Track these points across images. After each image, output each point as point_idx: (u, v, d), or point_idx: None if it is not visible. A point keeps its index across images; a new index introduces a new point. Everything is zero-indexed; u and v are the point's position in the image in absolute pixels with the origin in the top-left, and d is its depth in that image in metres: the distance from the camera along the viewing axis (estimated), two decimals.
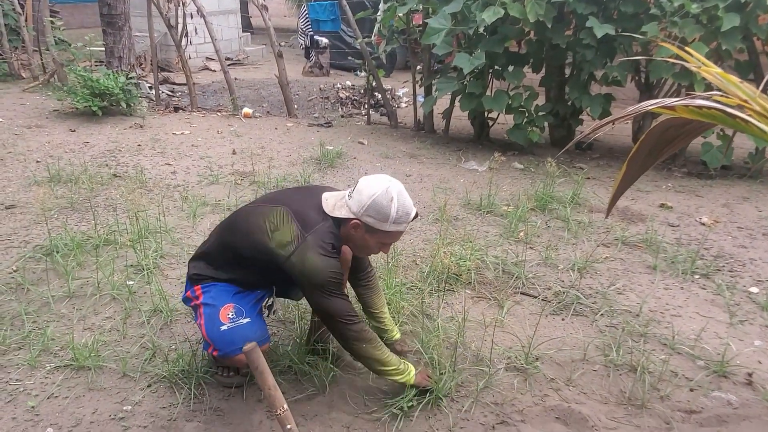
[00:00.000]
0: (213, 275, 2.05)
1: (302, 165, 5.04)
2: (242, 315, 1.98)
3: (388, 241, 2.00)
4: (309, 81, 9.91)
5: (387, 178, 1.93)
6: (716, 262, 3.36)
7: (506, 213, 3.99)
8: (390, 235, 1.95)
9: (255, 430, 1.97)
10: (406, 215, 1.91)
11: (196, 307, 2.05)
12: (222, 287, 2.03)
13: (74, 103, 6.13)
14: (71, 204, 3.87)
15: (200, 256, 2.12)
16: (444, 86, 5.58)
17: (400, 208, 1.88)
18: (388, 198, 1.86)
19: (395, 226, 1.91)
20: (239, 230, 2.01)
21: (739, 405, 2.18)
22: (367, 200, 1.86)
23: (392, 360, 2.00)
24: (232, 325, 1.94)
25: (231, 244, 2.03)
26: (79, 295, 2.77)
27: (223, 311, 1.97)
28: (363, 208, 1.87)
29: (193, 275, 2.08)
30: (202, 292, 2.04)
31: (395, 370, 2.00)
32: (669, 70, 4.73)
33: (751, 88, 1.18)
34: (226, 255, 2.04)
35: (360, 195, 1.88)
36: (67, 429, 1.94)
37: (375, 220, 1.88)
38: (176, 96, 8.18)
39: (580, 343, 2.54)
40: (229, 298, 2.01)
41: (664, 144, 1.61)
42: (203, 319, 1.99)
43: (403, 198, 1.90)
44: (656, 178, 5.06)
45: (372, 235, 1.93)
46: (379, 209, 1.86)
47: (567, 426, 2.04)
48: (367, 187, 1.88)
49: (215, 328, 1.95)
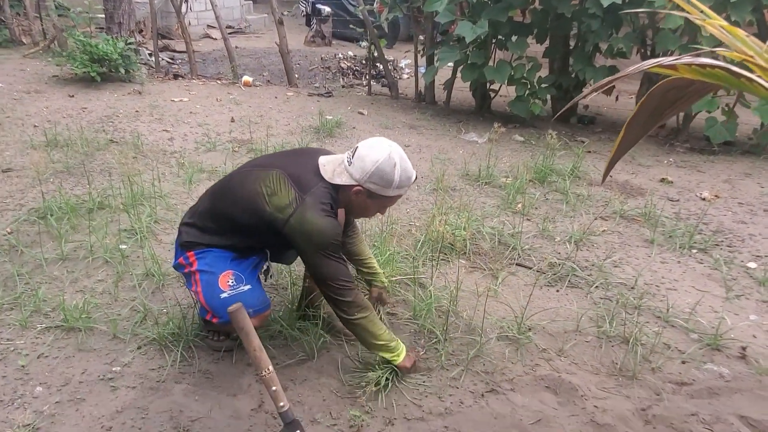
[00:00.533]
0: (207, 242, 2.01)
1: (301, 134, 4.98)
2: (242, 282, 1.95)
3: (387, 205, 2.01)
4: (311, 51, 9.76)
5: (386, 142, 1.89)
6: (715, 237, 3.33)
7: (505, 185, 3.95)
8: (391, 199, 1.95)
9: (243, 392, 1.97)
10: (408, 179, 1.91)
11: (190, 274, 2.01)
12: (217, 253, 2.00)
13: (73, 69, 6.06)
14: (67, 168, 3.84)
15: (192, 223, 2.07)
16: (446, 56, 5.48)
17: (403, 173, 1.87)
18: (392, 164, 1.83)
19: (397, 191, 1.91)
20: (234, 196, 1.96)
21: (731, 378, 2.17)
22: (371, 167, 1.83)
23: (384, 335, 1.97)
24: (233, 293, 1.92)
25: (225, 211, 1.98)
26: (72, 257, 2.76)
27: (222, 278, 1.94)
28: (366, 175, 1.84)
29: (186, 242, 2.04)
30: (197, 258, 2.00)
31: (385, 345, 1.97)
32: (676, 42, 4.62)
33: (758, 43, 1.12)
34: (220, 222, 2.00)
35: (362, 162, 1.84)
36: (56, 388, 1.94)
37: (378, 186, 1.86)
38: (176, 63, 8.07)
39: (574, 314, 2.52)
40: (227, 264, 1.98)
41: (665, 106, 1.55)
42: (200, 286, 1.96)
43: (404, 162, 1.88)
44: (658, 153, 5.00)
45: (373, 200, 1.92)
46: (383, 175, 1.83)
47: (556, 395, 2.04)
48: (369, 154, 1.84)
49: (215, 296, 1.92)
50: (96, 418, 1.81)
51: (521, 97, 5.46)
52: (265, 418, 1.87)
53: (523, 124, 5.72)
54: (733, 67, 1.17)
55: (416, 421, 1.88)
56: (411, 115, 5.97)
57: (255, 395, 1.96)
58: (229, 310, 1.65)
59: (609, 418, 1.90)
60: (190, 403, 1.90)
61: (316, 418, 1.87)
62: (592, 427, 1.86)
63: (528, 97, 5.47)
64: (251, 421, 1.85)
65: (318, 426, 1.85)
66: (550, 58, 5.80)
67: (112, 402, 1.89)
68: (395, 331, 2.32)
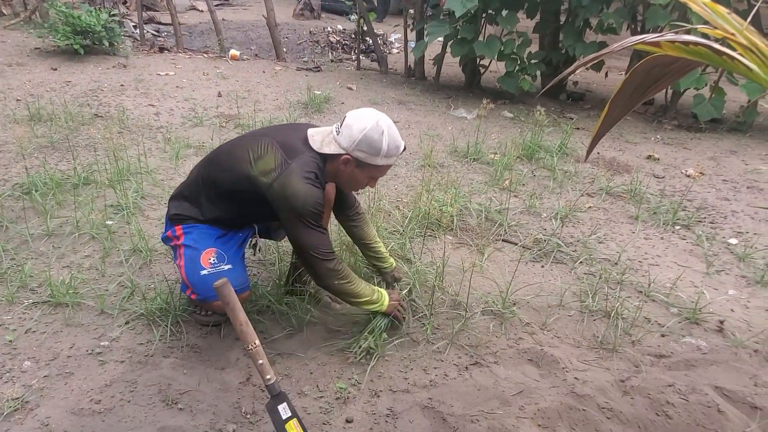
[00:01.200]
0: (194, 215, 2.02)
1: (289, 109, 4.93)
2: (224, 261, 1.96)
3: (377, 175, 1.99)
4: (299, 24, 9.60)
5: (374, 111, 1.90)
6: (698, 214, 3.38)
7: (493, 161, 3.96)
8: (380, 168, 1.94)
9: (231, 366, 2.00)
10: (396, 148, 1.90)
11: (176, 248, 2.03)
12: (204, 229, 2.01)
13: (56, 41, 5.92)
14: (51, 143, 3.78)
15: (181, 195, 2.08)
16: (435, 30, 5.42)
17: (391, 142, 1.87)
18: (379, 132, 1.84)
19: (386, 160, 1.90)
20: (221, 163, 1.97)
21: (708, 350, 2.23)
22: (358, 135, 1.83)
23: (365, 292, 2.00)
24: (213, 271, 1.93)
25: (212, 178, 1.98)
26: (57, 233, 2.74)
27: (204, 255, 1.96)
28: (354, 143, 1.84)
29: (174, 215, 2.05)
30: (183, 232, 2.01)
31: (368, 301, 2.02)
32: (666, 18, 4.60)
33: (739, 21, 1.13)
34: (207, 191, 2.00)
35: (350, 130, 1.84)
36: (44, 363, 1.95)
37: (366, 154, 1.86)
38: (161, 36, 7.90)
39: (558, 289, 2.56)
40: (212, 242, 1.99)
41: (650, 83, 1.56)
42: (183, 260, 1.98)
43: (392, 131, 1.89)
44: (645, 130, 5.02)
45: (362, 170, 1.92)
46: (371, 143, 1.83)
47: (539, 368, 2.08)
48: (357, 122, 1.85)
49: (195, 272, 1.94)
50: (85, 392, 1.83)
51: (511, 72, 5.44)
52: (253, 390, 1.90)
53: (512, 100, 5.71)
54: (715, 45, 1.17)
55: (401, 393, 1.92)
56: (400, 90, 5.92)
57: (243, 368, 1.99)
58: (215, 285, 1.66)
59: (588, 389, 1.95)
60: (179, 376, 1.92)
61: (303, 391, 1.91)
62: (572, 398, 1.91)
63: (518, 73, 5.45)
64: (239, 393, 1.88)
65: (305, 398, 1.88)
66: (540, 33, 5.76)
67: (101, 376, 1.91)
68: None
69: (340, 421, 1.80)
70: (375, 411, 1.84)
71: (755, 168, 4.18)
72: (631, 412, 1.86)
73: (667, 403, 1.89)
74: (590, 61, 1.50)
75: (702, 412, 1.85)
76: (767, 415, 1.86)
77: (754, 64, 1.11)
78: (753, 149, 4.63)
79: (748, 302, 2.57)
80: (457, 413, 1.83)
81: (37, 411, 1.74)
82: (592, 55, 1.36)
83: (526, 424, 1.79)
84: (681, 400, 1.91)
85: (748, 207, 3.52)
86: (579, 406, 1.86)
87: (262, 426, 1.75)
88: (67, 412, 1.74)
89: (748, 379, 2.04)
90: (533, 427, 1.79)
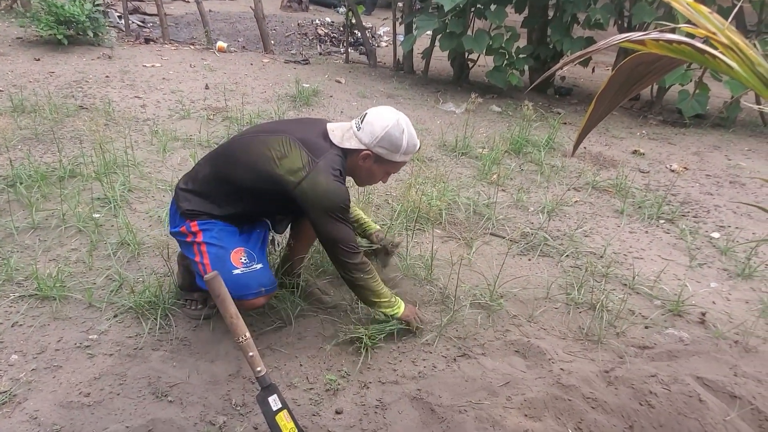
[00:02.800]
0: (210, 211, 1.97)
1: (277, 102, 4.91)
2: (254, 260, 1.95)
3: (392, 171, 2.07)
4: (287, 16, 9.54)
5: (394, 110, 1.97)
6: (682, 208, 3.44)
7: (481, 155, 3.99)
8: (396, 165, 2.02)
9: (221, 359, 2.01)
10: (414, 146, 2.00)
11: (193, 244, 1.96)
12: (223, 227, 1.96)
13: (38, 31, 5.82)
14: (35, 135, 3.74)
15: (192, 190, 2.01)
16: (424, 24, 5.42)
17: (410, 139, 1.95)
18: (400, 130, 1.92)
19: (403, 157, 1.98)
20: (239, 161, 1.93)
21: (691, 342, 2.28)
22: (381, 132, 1.90)
23: (386, 293, 2.05)
24: (247, 270, 1.91)
25: (230, 176, 1.94)
26: (43, 226, 2.72)
27: (234, 255, 1.92)
28: (376, 139, 1.91)
29: (187, 210, 1.98)
30: (201, 229, 1.95)
31: (387, 302, 2.06)
32: (652, 15, 4.65)
33: (720, 20, 1.15)
34: (224, 188, 1.97)
35: (372, 126, 1.91)
36: (32, 356, 1.95)
37: (387, 151, 1.93)
38: (147, 27, 7.81)
39: (544, 282, 2.60)
40: (237, 240, 1.96)
41: (634, 81, 1.59)
42: (208, 258, 1.91)
43: (411, 130, 1.97)
44: (631, 125, 5.09)
45: (380, 166, 1.99)
46: (392, 140, 1.91)
47: (525, 359, 2.12)
48: (379, 119, 1.92)
49: (227, 271, 1.87)
50: (73, 385, 1.83)
51: (499, 67, 5.46)
52: (243, 382, 1.91)
53: (500, 94, 5.74)
54: (697, 44, 1.20)
55: (390, 385, 1.94)
56: (389, 84, 5.93)
57: (232, 361, 1.99)
58: (205, 278, 1.66)
59: (574, 379, 1.99)
60: (168, 369, 1.93)
61: (293, 383, 1.92)
62: (557, 388, 1.95)
63: (506, 68, 5.48)
64: (229, 386, 1.89)
65: (295, 390, 1.89)
66: (528, 28, 5.79)
67: (90, 369, 1.91)
68: None
69: (330, 412, 1.82)
70: (364, 402, 1.87)
71: (737, 163, 4.25)
72: (615, 402, 1.90)
73: (650, 393, 1.93)
74: (578, 58, 1.52)
75: (684, 402, 1.90)
76: (746, 404, 1.91)
77: (735, 62, 1.13)
78: (735, 144, 4.71)
79: (730, 294, 2.62)
80: (446, 404, 1.86)
81: (26, 404, 1.74)
82: (579, 52, 1.38)
83: (512, 414, 1.82)
84: (663, 389, 1.95)
85: (731, 201, 3.59)
86: (564, 396, 1.90)
87: (253, 418, 1.77)
88: (55, 405, 1.74)
89: (728, 369, 2.09)
90: (520, 417, 1.82)
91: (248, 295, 1.90)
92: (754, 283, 2.73)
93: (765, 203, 3.63)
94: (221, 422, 1.74)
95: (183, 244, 2.03)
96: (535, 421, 1.81)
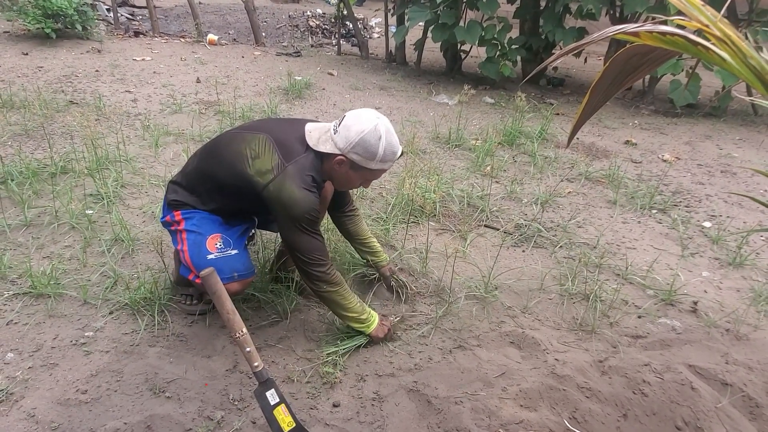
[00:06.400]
0: (193, 203, 1.99)
1: (269, 95, 4.89)
2: (230, 246, 1.94)
3: (371, 178, 1.96)
4: (278, 8, 9.47)
5: (375, 114, 1.86)
6: (674, 198, 3.46)
7: (474, 147, 3.99)
8: (374, 172, 1.90)
9: (218, 354, 2.01)
10: (392, 154, 1.86)
11: (176, 232, 1.99)
12: (205, 215, 1.98)
13: (26, 24, 5.75)
14: (25, 131, 3.70)
15: (180, 182, 2.04)
16: (416, 15, 5.40)
17: (388, 147, 1.82)
18: (377, 136, 1.79)
19: (381, 164, 1.86)
20: (219, 157, 1.94)
21: (683, 330, 2.30)
22: (355, 137, 1.79)
23: (355, 307, 1.99)
24: (221, 255, 1.91)
25: (210, 172, 1.95)
26: (36, 223, 2.70)
27: (210, 240, 1.93)
28: (350, 145, 1.80)
29: (173, 200, 2.00)
30: (183, 217, 1.98)
31: (356, 318, 2.00)
32: (644, 4, 4.65)
33: (713, 13, 1.16)
34: (206, 183, 1.97)
35: (347, 131, 1.80)
36: (28, 354, 1.94)
37: (361, 157, 1.82)
38: (136, 20, 7.73)
39: (538, 273, 2.62)
40: (215, 227, 1.97)
41: (628, 72, 1.59)
42: (186, 245, 1.94)
43: (390, 136, 1.83)
44: (624, 116, 5.10)
45: (356, 172, 1.88)
46: (367, 147, 1.80)
47: (520, 350, 2.14)
48: (355, 123, 1.80)
49: (201, 257, 1.90)
50: (70, 382, 1.83)
51: (492, 58, 5.45)
52: (240, 377, 1.91)
53: (493, 85, 5.74)
54: (691, 36, 1.20)
55: (387, 377, 1.96)
56: (382, 76, 5.91)
57: (229, 356, 2.00)
58: (201, 275, 1.66)
59: (568, 369, 2.01)
60: (165, 365, 1.93)
61: (290, 377, 1.93)
62: (552, 378, 1.97)
63: (498, 59, 5.47)
64: (226, 381, 1.90)
65: (292, 384, 1.90)
66: (520, 18, 5.78)
67: (86, 366, 1.90)
68: (366, 289, 2.38)
69: (327, 405, 1.83)
70: (361, 395, 1.88)
71: (729, 153, 4.28)
72: (609, 391, 1.92)
73: (643, 382, 1.95)
74: (571, 51, 1.53)
75: (676, 390, 1.92)
76: (738, 391, 1.94)
77: (727, 54, 1.14)
78: (727, 134, 4.74)
79: (721, 283, 2.65)
80: (442, 395, 1.87)
81: (23, 402, 1.74)
82: (573, 44, 1.38)
83: (508, 405, 1.84)
84: (656, 378, 1.98)
85: (722, 191, 3.62)
86: (559, 386, 1.92)
87: (251, 412, 1.77)
88: (53, 403, 1.74)
89: (720, 357, 2.12)
90: (515, 407, 1.84)
91: (221, 280, 1.87)
92: (745, 271, 2.76)
93: (756, 192, 3.67)
94: (219, 417, 1.74)
95: (170, 234, 2.05)
96: (530, 411, 1.83)
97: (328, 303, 1.99)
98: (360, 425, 1.76)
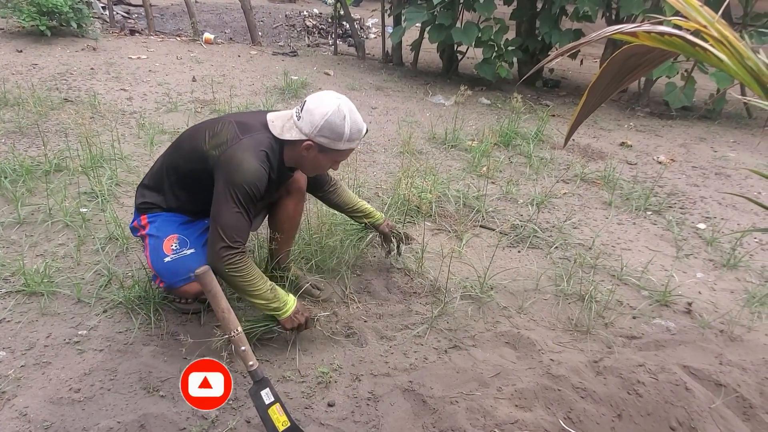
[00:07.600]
0: (160, 203, 2.01)
1: (265, 94, 4.88)
2: (186, 246, 1.95)
3: (339, 159, 1.96)
4: (274, 7, 9.46)
5: (335, 95, 1.86)
6: (669, 200, 3.47)
7: (470, 148, 3.99)
8: (342, 153, 1.91)
9: (212, 353, 1.99)
10: (358, 132, 1.87)
11: (142, 238, 2.02)
12: (167, 217, 1.99)
13: (20, 22, 5.71)
14: (19, 128, 3.68)
15: (147, 184, 2.06)
16: (413, 16, 5.41)
17: (353, 126, 1.84)
18: (341, 116, 1.80)
19: (348, 144, 1.87)
20: (182, 146, 1.96)
21: (677, 331, 2.31)
22: (320, 120, 1.79)
23: (263, 294, 1.85)
24: (176, 257, 1.92)
25: (174, 164, 1.97)
26: (29, 221, 2.68)
27: (166, 242, 1.94)
28: (316, 129, 1.80)
29: (141, 204, 2.04)
30: (148, 222, 2.01)
31: (265, 305, 1.88)
32: (640, 6, 4.67)
33: (711, 13, 1.16)
34: (170, 177, 1.99)
35: (311, 115, 1.80)
36: (20, 352, 1.92)
37: (329, 139, 1.83)
38: (132, 18, 7.71)
39: (534, 273, 2.62)
40: (174, 228, 1.97)
41: (626, 72, 1.60)
42: (148, 250, 1.97)
43: (354, 115, 1.85)
44: (619, 118, 5.12)
45: (325, 155, 1.89)
46: (333, 128, 1.80)
47: (516, 350, 2.14)
48: (318, 107, 1.80)
49: (159, 260, 1.93)
50: (63, 381, 1.82)
51: (488, 59, 5.46)
52: (235, 376, 1.90)
53: (489, 86, 5.74)
54: (689, 36, 1.21)
55: (382, 377, 1.95)
56: (378, 76, 5.91)
57: (224, 355, 1.99)
58: (196, 273, 1.65)
59: (563, 370, 2.01)
60: (159, 363, 1.92)
61: (285, 376, 1.92)
62: (547, 378, 1.97)
63: (495, 60, 5.48)
64: None
65: (287, 383, 1.90)
66: (517, 20, 5.80)
67: (80, 365, 1.89)
68: (365, 287, 2.38)
69: (322, 404, 1.82)
70: (356, 395, 1.87)
71: (723, 155, 4.30)
72: (604, 391, 1.92)
73: (638, 382, 1.96)
74: (568, 51, 1.53)
75: (671, 390, 1.93)
76: (731, 392, 1.94)
77: (725, 55, 1.14)
78: (721, 136, 4.76)
79: (715, 284, 2.66)
80: (437, 395, 1.87)
81: (15, 401, 1.72)
82: (570, 44, 1.38)
83: (503, 405, 1.84)
84: (651, 379, 1.98)
85: (716, 193, 3.63)
86: (554, 386, 1.92)
87: (245, 411, 1.76)
88: (45, 402, 1.73)
89: (714, 358, 2.13)
90: (510, 407, 1.84)
91: (177, 282, 1.89)
92: (739, 273, 2.77)
93: (750, 194, 3.69)
94: (213, 416, 1.73)
95: (140, 239, 2.06)
96: (525, 411, 1.83)
97: (234, 288, 1.86)
98: (355, 425, 1.75)
